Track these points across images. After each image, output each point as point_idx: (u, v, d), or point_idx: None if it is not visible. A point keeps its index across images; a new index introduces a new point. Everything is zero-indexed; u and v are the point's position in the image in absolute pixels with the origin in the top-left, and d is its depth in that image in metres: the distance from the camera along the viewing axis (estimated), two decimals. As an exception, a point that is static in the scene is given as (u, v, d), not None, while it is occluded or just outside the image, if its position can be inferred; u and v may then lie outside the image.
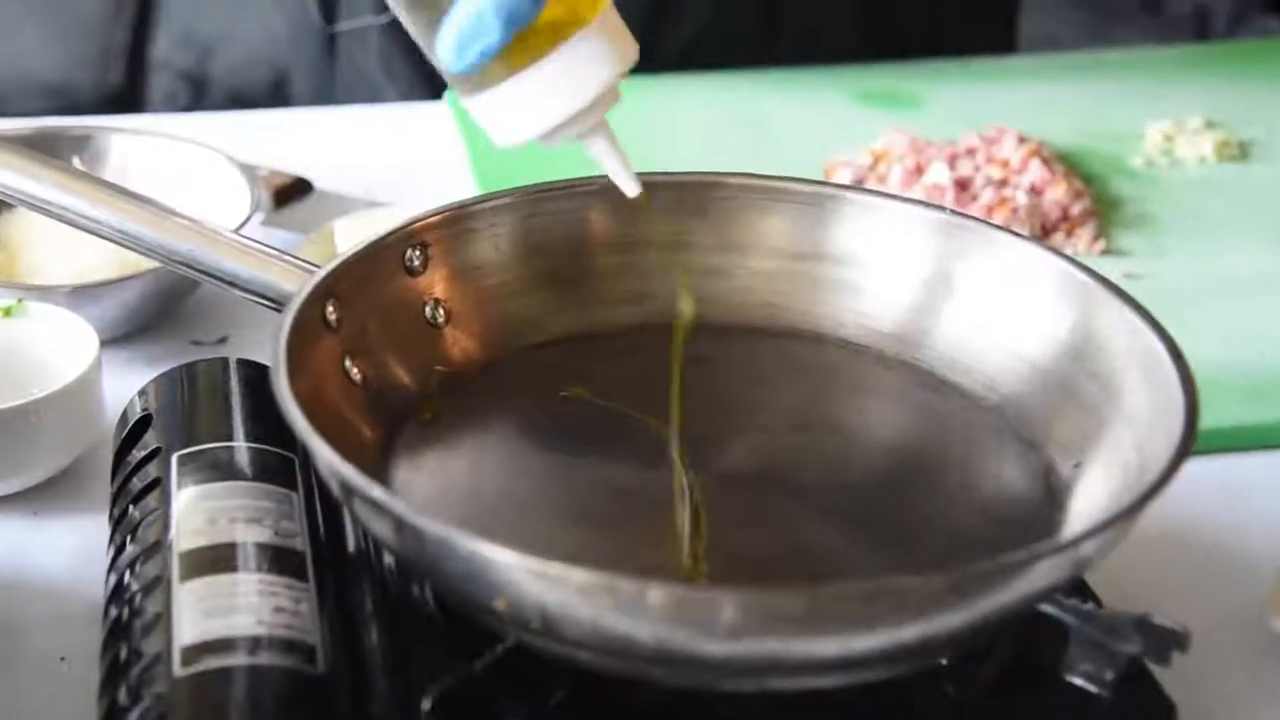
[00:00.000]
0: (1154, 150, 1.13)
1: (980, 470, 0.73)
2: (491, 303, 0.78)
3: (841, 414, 0.76)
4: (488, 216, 0.78)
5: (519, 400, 0.76)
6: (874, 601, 0.58)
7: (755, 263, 0.80)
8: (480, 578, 0.60)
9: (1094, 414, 0.72)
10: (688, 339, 0.75)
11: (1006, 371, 0.76)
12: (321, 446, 0.63)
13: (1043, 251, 0.75)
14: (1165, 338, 0.70)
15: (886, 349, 0.78)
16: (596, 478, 0.72)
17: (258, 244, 0.76)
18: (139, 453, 0.75)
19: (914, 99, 1.18)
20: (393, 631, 0.67)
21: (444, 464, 0.72)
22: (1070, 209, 1.04)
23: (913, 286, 0.78)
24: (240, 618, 0.65)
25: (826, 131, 1.12)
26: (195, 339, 0.94)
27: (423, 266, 0.77)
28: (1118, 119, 1.16)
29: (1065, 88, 1.21)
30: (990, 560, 0.59)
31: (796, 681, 0.61)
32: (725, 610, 0.57)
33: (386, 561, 0.70)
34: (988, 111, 1.15)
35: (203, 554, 0.68)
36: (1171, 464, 0.63)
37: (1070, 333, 0.74)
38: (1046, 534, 0.68)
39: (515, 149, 0.69)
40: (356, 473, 0.62)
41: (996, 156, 1.07)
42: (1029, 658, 0.67)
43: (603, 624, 0.59)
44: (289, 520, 0.71)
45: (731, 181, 0.80)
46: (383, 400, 0.74)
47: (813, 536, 0.68)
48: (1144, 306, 0.71)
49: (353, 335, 0.73)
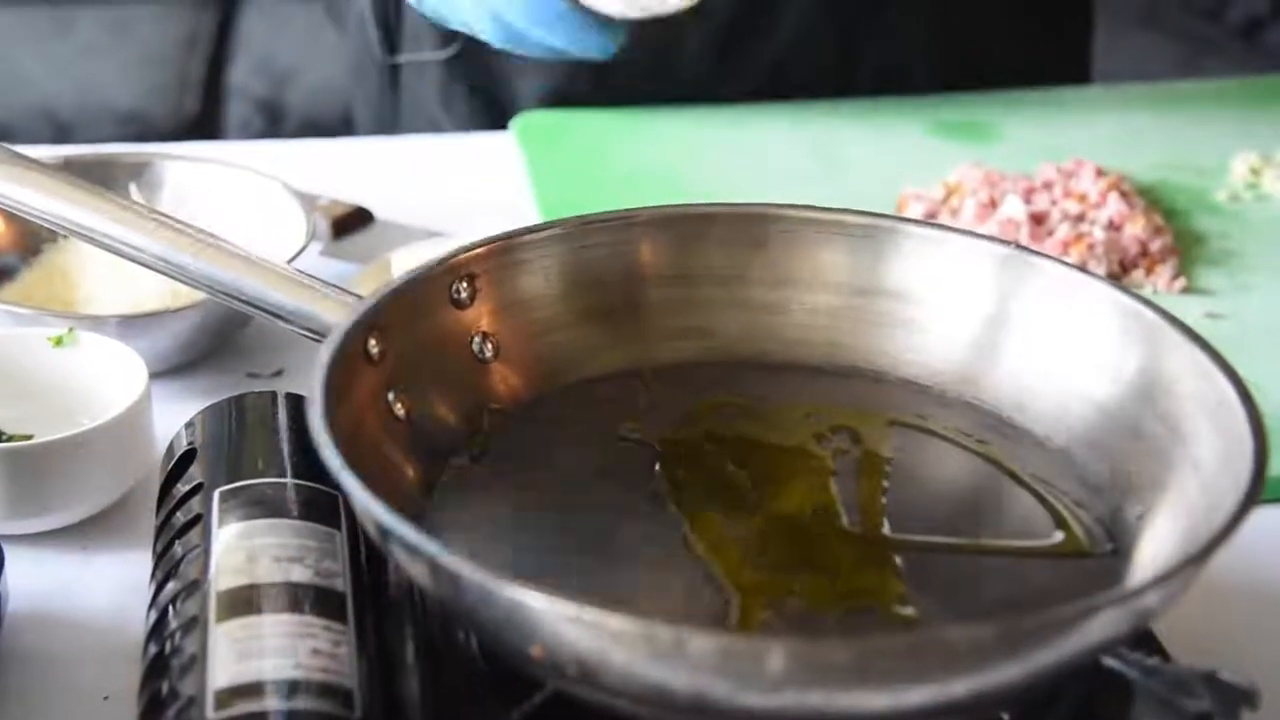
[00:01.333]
0: (1239, 184, 1.10)
1: (1044, 516, 0.70)
2: (540, 337, 0.76)
3: (902, 457, 0.73)
4: (537, 248, 0.76)
5: (568, 438, 0.74)
6: (922, 653, 0.55)
7: (814, 298, 0.78)
8: (516, 623, 0.58)
9: (1161, 459, 0.69)
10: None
11: (1072, 413, 0.73)
12: (356, 486, 0.62)
13: (1109, 289, 0.73)
14: (1235, 380, 0.67)
15: (948, 389, 0.76)
16: (647, 521, 0.70)
17: (304, 275, 0.74)
18: (183, 487, 0.74)
19: (990, 130, 1.15)
20: (434, 677, 0.65)
21: (488, 504, 0.70)
22: (1150, 245, 1.01)
23: (975, 324, 0.76)
24: (275, 660, 0.64)
25: (900, 163, 1.10)
26: (251, 371, 0.93)
27: (470, 299, 0.75)
28: (1201, 152, 1.13)
29: (1146, 119, 1.18)
30: (1043, 611, 0.56)
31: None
32: (769, 661, 0.55)
33: (429, 604, 0.68)
34: (1066, 144, 1.12)
35: (240, 594, 0.66)
36: (1238, 511, 0.60)
37: (1138, 374, 0.71)
38: (1111, 583, 0.66)
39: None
40: (389, 513, 0.60)
41: (1074, 190, 1.04)
42: (1093, 714, 0.64)
43: (641, 672, 0.57)
44: (330, 560, 0.69)
45: (790, 214, 0.78)
46: (426, 437, 0.72)
47: (869, 583, 0.66)
48: (1213, 347, 0.68)
49: (396, 369, 0.72)
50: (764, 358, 0.77)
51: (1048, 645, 0.57)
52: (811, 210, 0.78)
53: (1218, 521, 0.60)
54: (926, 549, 0.68)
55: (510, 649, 0.61)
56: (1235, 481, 0.63)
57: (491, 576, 0.57)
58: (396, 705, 0.64)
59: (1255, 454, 0.63)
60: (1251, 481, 0.61)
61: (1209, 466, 0.66)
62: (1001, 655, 0.56)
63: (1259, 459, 0.63)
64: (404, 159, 1.15)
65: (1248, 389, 0.66)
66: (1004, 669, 0.57)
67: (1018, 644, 0.56)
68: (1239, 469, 0.63)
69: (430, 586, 0.62)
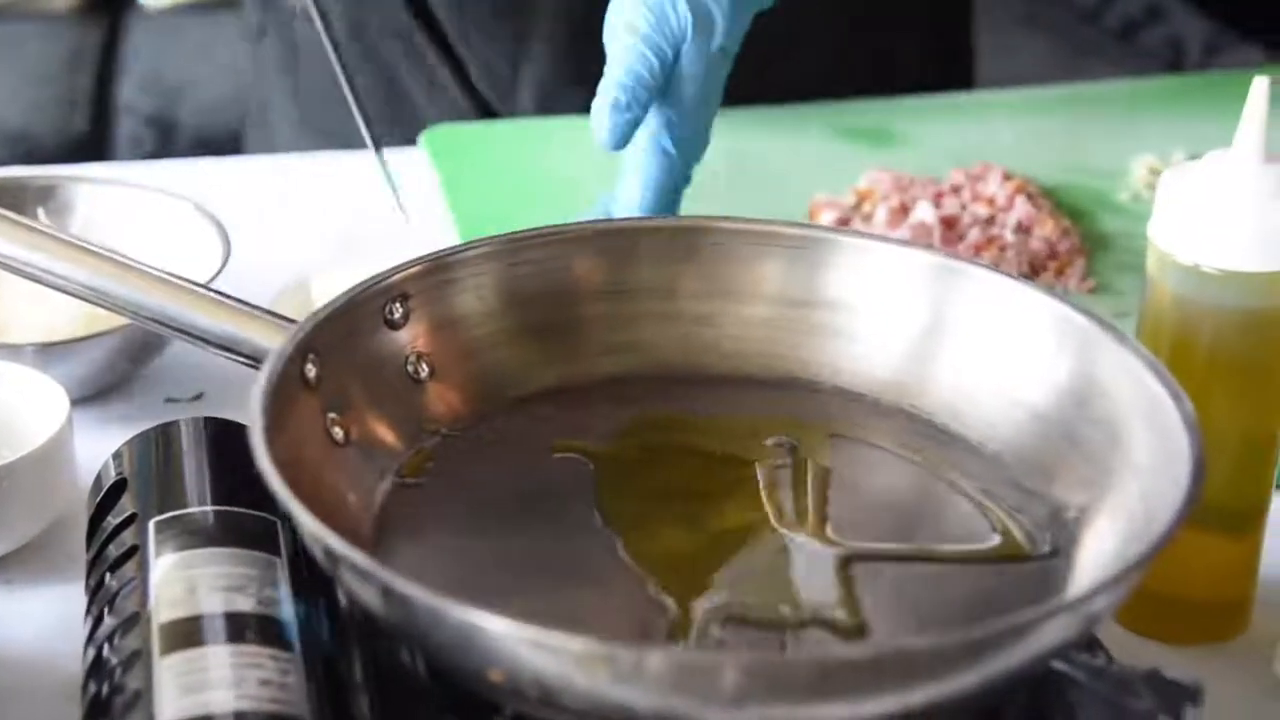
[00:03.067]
0: (1139, 185, 1.12)
1: (982, 521, 0.71)
2: (476, 355, 0.76)
3: (841, 467, 0.73)
4: (470, 266, 0.76)
5: (508, 457, 0.74)
6: (884, 665, 0.56)
7: (747, 310, 0.78)
8: (474, 648, 0.58)
9: (1097, 461, 0.70)
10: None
11: (1006, 419, 0.74)
12: (304, 514, 0.61)
13: (1041, 295, 0.74)
14: (1166, 381, 0.68)
15: (883, 397, 0.76)
16: (591, 538, 0.69)
17: (232, 299, 0.73)
18: (114, 519, 0.72)
19: (895, 136, 1.16)
20: (385, 702, 0.65)
21: (433, 526, 0.70)
22: (1059, 246, 1.02)
23: (909, 332, 0.76)
24: (223, 693, 0.63)
25: (808, 170, 1.11)
26: (170, 397, 0.92)
27: (404, 319, 0.75)
28: (1100, 154, 1.15)
29: (1045, 123, 1.19)
30: (1004, 618, 0.57)
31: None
32: (729, 677, 0.55)
33: (377, 629, 0.67)
34: (969, 148, 1.13)
35: (182, 626, 0.65)
36: (1181, 511, 0.61)
37: (1070, 378, 0.72)
38: (1055, 586, 0.67)
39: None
40: (340, 540, 0.60)
41: (982, 194, 1.06)
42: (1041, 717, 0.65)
43: (604, 694, 0.57)
44: (272, 588, 0.68)
45: (721, 226, 0.78)
46: (367, 460, 0.71)
47: (818, 594, 0.66)
48: (1145, 350, 0.70)
49: (333, 392, 0.71)
50: (699, 370, 0.78)
51: (1004, 653, 0.57)
52: (743, 222, 0.79)
53: (1160, 522, 0.61)
54: (873, 557, 0.68)
55: (467, 672, 0.60)
56: (1174, 482, 0.64)
57: (450, 601, 0.57)
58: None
59: (1193, 452, 0.64)
60: (1192, 482, 0.62)
61: (1146, 467, 0.67)
62: (960, 665, 0.57)
63: (1197, 460, 0.64)
64: (312, 174, 1.14)
65: (1179, 389, 0.67)
66: (961, 678, 0.57)
67: (976, 654, 0.56)
68: (1177, 470, 0.64)
69: (382, 612, 0.61)
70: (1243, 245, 0.72)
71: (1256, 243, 0.71)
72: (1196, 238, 0.72)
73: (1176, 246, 0.72)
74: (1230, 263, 0.72)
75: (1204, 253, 0.72)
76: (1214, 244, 0.72)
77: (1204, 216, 0.72)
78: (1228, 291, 0.72)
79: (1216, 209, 0.72)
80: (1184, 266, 0.72)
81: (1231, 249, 0.72)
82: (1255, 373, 0.74)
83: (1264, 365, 0.74)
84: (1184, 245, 0.72)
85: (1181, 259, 0.72)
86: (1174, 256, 0.73)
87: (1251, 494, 0.76)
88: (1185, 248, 0.72)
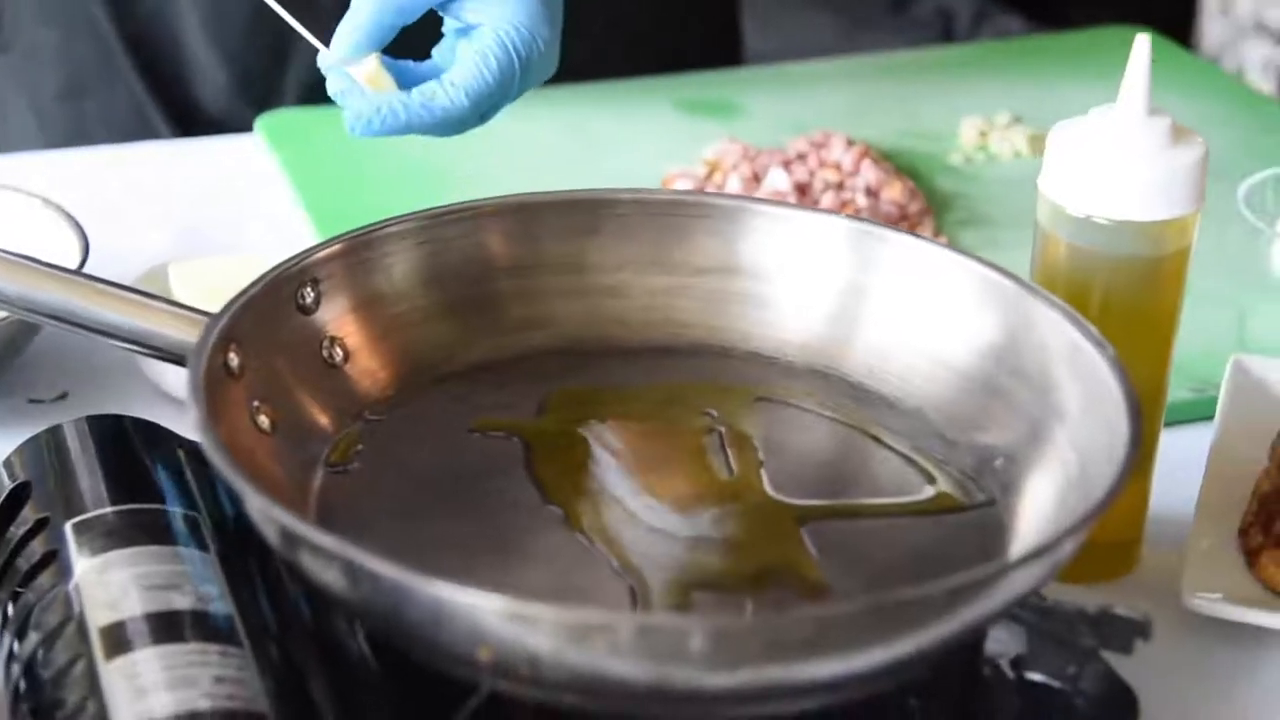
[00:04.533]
0: (969, 147, 1.15)
1: (915, 475, 0.72)
2: (390, 337, 0.75)
3: (768, 429, 0.74)
4: (379, 246, 0.75)
5: (433, 438, 0.72)
6: (881, 616, 0.57)
7: (652, 280, 0.78)
8: (459, 627, 0.57)
9: (1020, 411, 0.72)
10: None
11: (923, 375, 0.75)
12: (265, 500, 0.60)
13: (952, 254, 0.75)
14: (1089, 332, 0.70)
15: (796, 360, 0.77)
16: (536, 513, 0.69)
17: (141, 293, 0.71)
18: (19, 529, 0.69)
19: (734, 107, 1.17)
20: (339, 693, 0.63)
21: (372, 511, 0.68)
22: (908, 208, 1.05)
23: (818, 296, 0.77)
24: (180, 693, 0.61)
25: (655, 142, 1.11)
26: (33, 397, 0.88)
27: (315, 303, 0.73)
28: (929, 118, 1.18)
29: (871, 90, 1.22)
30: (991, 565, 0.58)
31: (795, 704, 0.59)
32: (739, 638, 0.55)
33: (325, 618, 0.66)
34: (805, 117, 1.15)
35: (121, 629, 0.63)
36: (1131, 448, 0.63)
37: (990, 334, 0.73)
38: (997, 534, 0.68)
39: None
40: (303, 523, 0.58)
41: (828, 160, 1.07)
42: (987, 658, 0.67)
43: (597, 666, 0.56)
44: (208, 584, 0.66)
45: (624, 197, 0.78)
46: (295, 448, 0.70)
47: (776, 553, 0.66)
48: (1063, 303, 0.71)
49: (256, 381, 0.69)
50: (610, 343, 0.77)
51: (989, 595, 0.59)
52: (644, 193, 0.79)
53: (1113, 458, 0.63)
54: (820, 515, 0.69)
55: (444, 653, 0.59)
56: (1106, 422, 0.66)
57: (442, 581, 0.56)
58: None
59: (1125, 393, 0.66)
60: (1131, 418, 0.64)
61: (1073, 413, 0.69)
62: (951, 609, 0.58)
63: (1131, 397, 0.66)
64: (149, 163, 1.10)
65: (1101, 336, 0.69)
66: (946, 624, 0.58)
67: (966, 597, 0.58)
68: (1107, 410, 0.66)
69: (348, 594, 0.60)
70: (1133, 196, 0.74)
71: (1146, 193, 0.74)
72: (1088, 190, 0.74)
73: (1068, 199, 0.74)
74: (1121, 213, 0.74)
75: (1096, 204, 0.74)
76: (1105, 195, 0.74)
77: (1094, 170, 0.74)
78: (1119, 240, 0.74)
79: (1106, 162, 0.74)
80: (1076, 218, 0.74)
81: (1122, 200, 0.74)
82: (1146, 319, 0.77)
83: (1154, 311, 0.77)
84: (1075, 198, 0.74)
85: (1073, 211, 0.74)
86: (1066, 209, 0.75)
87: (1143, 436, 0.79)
88: (1077, 200, 0.74)
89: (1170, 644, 0.74)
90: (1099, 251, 0.75)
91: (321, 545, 0.58)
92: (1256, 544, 0.78)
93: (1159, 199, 0.74)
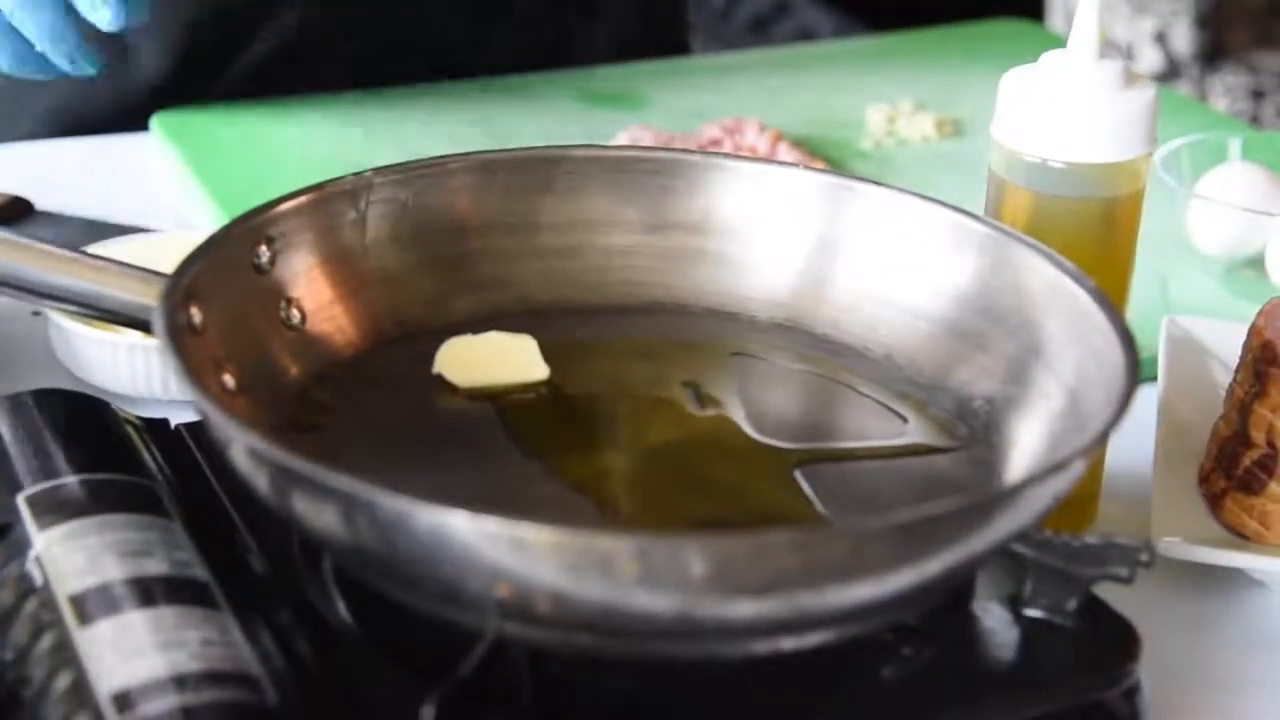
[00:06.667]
0: (879, 133, 1.15)
1: (895, 419, 0.70)
2: (346, 299, 0.72)
3: (745, 379, 0.72)
4: (331, 205, 0.72)
5: (399, 399, 0.70)
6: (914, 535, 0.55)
7: (607, 239, 0.76)
8: (482, 564, 0.54)
9: (997, 353, 0.71)
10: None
11: (890, 323, 0.74)
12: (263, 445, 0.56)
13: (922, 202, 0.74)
14: (1068, 268, 0.69)
15: (759, 315, 0.75)
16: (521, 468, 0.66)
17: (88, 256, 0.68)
18: (-45, 513, 0.65)
19: (640, 99, 1.16)
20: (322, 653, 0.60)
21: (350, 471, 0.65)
22: (828, 189, 1.04)
23: (783, 250, 0.76)
24: (168, 655, 0.57)
25: (567, 133, 1.09)
26: None
27: (270, 263, 0.70)
28: (835, 108, 1.17)
29: (776, 82, 1.21)
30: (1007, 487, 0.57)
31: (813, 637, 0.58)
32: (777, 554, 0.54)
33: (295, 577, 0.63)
34: (711, 107, 1.14)
35: (94, 595, 0.60)
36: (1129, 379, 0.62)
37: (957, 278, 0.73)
38: (990, 471, 0.67)
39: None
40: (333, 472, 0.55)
41: (743, 145, 1.06)
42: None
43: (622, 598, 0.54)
44: (180, 550, 0.63)
45: (576, 154, 0.76)
46: (260, 408, 0.66)
47: (774, 496, 0.65)
48: (1040, 244, 0.71)
49: (217, 341, 0.66)
50: (565, 303, 0.75)
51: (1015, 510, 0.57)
52: (596, 149, 0.77)
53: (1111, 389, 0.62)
54: (812, 459, 0.67)
55: (456, 596, 0.56)
56: (1095, 353, 0.65)
57: (461, 511, 0.53)
58: (304, 683, 0.59)
59: (1114, 324, 0.65)
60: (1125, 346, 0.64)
61: (1055, 351, 0.68)
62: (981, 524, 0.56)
63: (1120, 327, 0.65)
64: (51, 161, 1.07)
65: (1081, 272, 0.69)
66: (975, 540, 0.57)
67: (996, 510, 0.56)
68: (1096, 342, 0.65)
69: (350, 538, 0.57)
70: (1089, 138, 0.74)
71: (1100, 135, 0.74)
72: (1042, 134, 0.74)
73: (1023, 144, 0.74)
74: (1077, 155, 0.74)
75: (1050, 148, 0.74)
76: (1061, 139, 0.74)
77: (1048, 114, 0.74)
78: (1075, 183, 0.74)
79: (1060, 106, 0.74)
80: (1031, 163, 0.74)
81: (1078, 142, 0.74)
82: (1103, 261, 0.76)
83: (1111, 254, 0.76)
84: (1030, 142, 0.74)
85: (1029, 156, 0.74)
86: (1021, 154, 0.74)
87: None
88: (1032, 144, 0.74)
89: (1137, 592, 0.74)
90: (1055, 195, 0.74)
91: (335, 486, 0.55)
92: (1219, 488, 0.78)
93: (1114, 141, 0.74)
